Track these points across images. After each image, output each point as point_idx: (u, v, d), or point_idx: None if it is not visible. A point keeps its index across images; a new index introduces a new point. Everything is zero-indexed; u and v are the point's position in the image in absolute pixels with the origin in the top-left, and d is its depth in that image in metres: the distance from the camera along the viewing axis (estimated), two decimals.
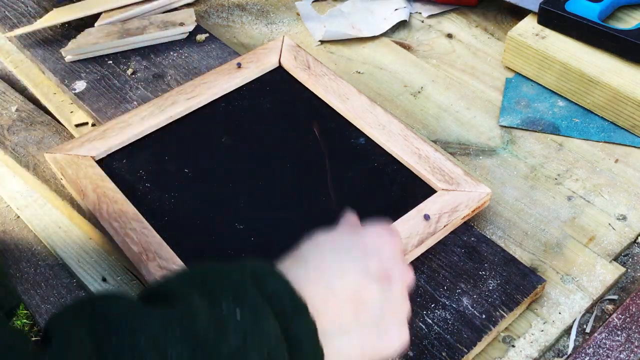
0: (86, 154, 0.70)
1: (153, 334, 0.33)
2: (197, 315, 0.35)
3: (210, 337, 0.34)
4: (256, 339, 0.35)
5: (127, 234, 0.62)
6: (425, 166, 0.68)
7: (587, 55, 0.78)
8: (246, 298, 0.36)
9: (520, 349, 0.58)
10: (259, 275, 0.38)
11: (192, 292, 0.36)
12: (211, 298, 0.36)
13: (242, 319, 0.35)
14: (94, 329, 0.33)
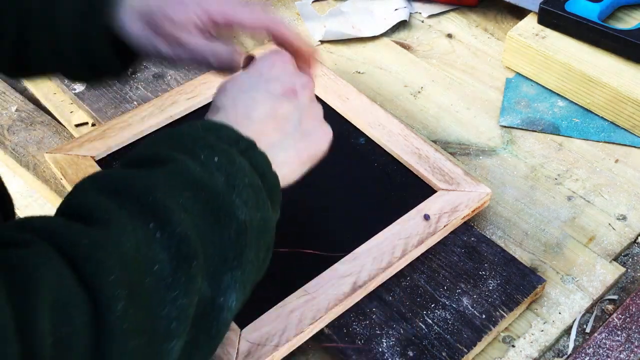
0: (86, 154, 0.70)
1: (164, 188, 0.40)
2: (188, 166, 0.42)
3: (204, 180, 0.42)
4: (236, 173, 0.43)
5: None
6: (425, 166, 0.68)
7: (587, 55, 0.78)
8: (214, 146, 0.44)
9: (520, 349, 0.58)
10: (211, 128, 0.46)
11: (174, 152, 0.43)
12: (190, 153, 0.43)
13: (219, 161, 0.43)
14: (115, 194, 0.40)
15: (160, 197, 0.40)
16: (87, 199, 0.40)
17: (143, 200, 0.40)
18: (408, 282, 0.61)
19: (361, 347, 0.56)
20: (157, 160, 0.43)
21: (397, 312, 0.59)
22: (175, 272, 0.39)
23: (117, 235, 0.37)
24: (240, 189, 0.43)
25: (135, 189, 0.40)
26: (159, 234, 0.39)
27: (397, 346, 0.56)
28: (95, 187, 0.41)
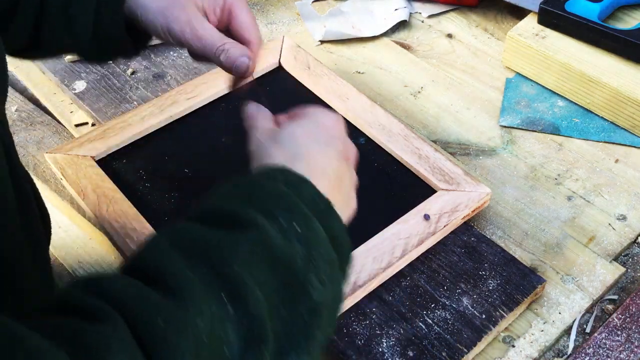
0: (86, 154, 0.70)
1: (242, 259, 0.38)
2: (270, 234, 0.40)
3: (284, 255, 0.39)
4: (315, 244, 0.41)
5: (127, 234, 0.62)
6: (425, 166, 0.68)
7: (587, 55, 0.78)
8: (295, 209, 0.41)
9: (520, 349, 0.58)
10: (292, 183, 0.43)
11: (253, 212, 0.41)
12: (270, 216, 0.41)
13: (300, 229, 0.41)
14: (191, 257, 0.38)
15: (237, 271, 0.38)
16: (163, 260, 0.38)
17: (220, 270, 0.38)
18: (408, 282, 0.61)
19: (361, 346, 0.56)
20: (237, 221, 0.41)
21: (397, 312, 0.59)
22: (243, 356, 0.37)
23: (193, 316, 0.35)
24: (317, 264, 0.41)
25: (213, 256, 0.38)
26: (232, 310, 0.37)
27: (397, 346, 0.56)
28: (173, 245, 0.39)
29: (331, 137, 0.49)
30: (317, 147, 0.48)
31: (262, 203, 0.42)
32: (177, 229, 0.41)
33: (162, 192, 0.68)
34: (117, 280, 0.36)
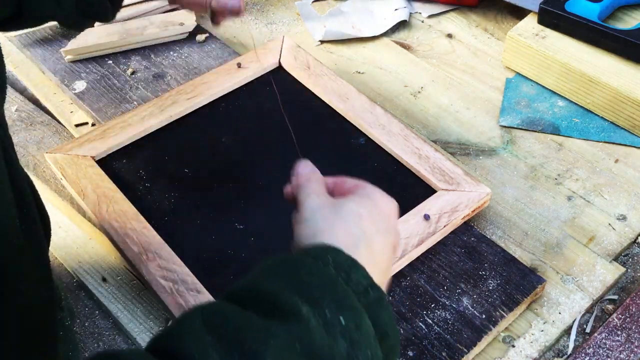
0: (86, 154, 0.70)
1: (279, 352, 0.35)
2: (311, 328, 0.36)
3: (325, 349, 0.36)
4: (360, 341, 0.37)
5: (127, 234, 0.62)
6: (425, 166, 0.68)
7: (587, 55, 0.78)
8: (344, 300, 0.38)
9: (520, 349, 0.58)
10: (344, 269, 0.40)
11: (296, 299, 0.37)
12: (313, 303, 0.37)
13: (346, 323, 0.37)
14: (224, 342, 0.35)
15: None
16: (193, 344, 0.35)
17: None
18: (408, 282, 0.61)
19: None
20: (278, 307, 0.37)
21: (397, 312, 0.59)
22: None
23: None
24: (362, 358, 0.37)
25: (247, 344, 0.35)
26: None
27: None
28: (206, 325, 0.36)
29: (390, 227, 0.46)
30: (378, 236, 0.44)
31: (308, 289, 0.38)
32: (212, 308, 0.38)
33: (162, 192, 0.68)
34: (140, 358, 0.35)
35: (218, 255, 0.62)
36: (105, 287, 0.64)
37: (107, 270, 0.66)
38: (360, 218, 0.44)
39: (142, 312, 0.62)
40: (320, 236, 0.43)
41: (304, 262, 0.40)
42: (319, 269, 0.39)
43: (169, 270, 0.59)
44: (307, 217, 0.45)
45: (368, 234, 0.43)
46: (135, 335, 0.60)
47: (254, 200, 0.67)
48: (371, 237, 0.44)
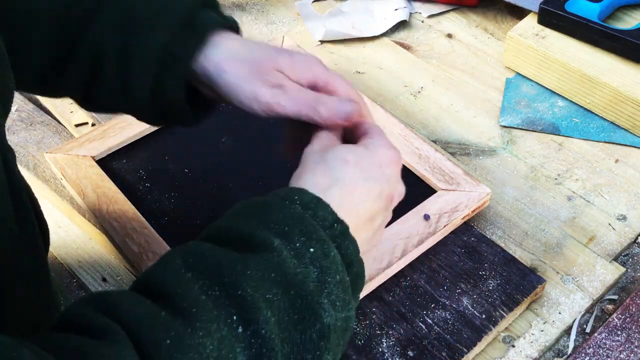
0: (86, 154, 0.70)
1: (254, 282, 0.38)
2: (283, 258, 0.40)
3: (298, 276, 0.40)
4: (329, 268, 0.41)
5: (127, 233, 0.62)
6: (425, 166, 0.68)
7: (587, 55, 0.78)
8: (312, 233, 0.41)
9: (520, 349, 0.58)
10: (310, 207, 0.42)
11: (267, 234, 0.41)
12: (283, 237, 0.41)
13: (315, 252, 0.41)
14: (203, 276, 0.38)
15: (249, 292, 0.38)
16: (174, 279, 0.38)
17: (231, 292, 0.38)
18: (408, 282, 0.61)
19: (361, 346, 0.56)
20: (251, 242, 0.41)
21: (397, 312, 0.59)
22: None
23: (201, 337, 0.36)
24: (330, 289, 0.41)
25: (225, 277, 0.38)
26: (241, 329, 0.37)
27: (397, 346, 0.56)
28: (185, 264, 0.39)
29: (381, 175, 0.47)
30: (361, 181, 0.46)
31: (278, 224, 0.41)
32: (190, 248, 0.40)
33: (162, 192, 0.68)
34: (125, 298, 0.36)
35: None
36: (105, 287, 0.64)
37: (107, 270, 0.66)
38: (345, 163, 0.46)
39: None
40: (302, 176, 0.46)
41: (272, 202, 0.43)
42: (286, 207, 0.42)
43: None
44: (301, 160, 0.48)
45: (348, 178, 0.45)
46: None
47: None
48: (351, 182, 0.45)
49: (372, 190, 0.46)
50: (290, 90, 0.49)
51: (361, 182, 0.46)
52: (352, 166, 0.46)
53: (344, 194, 0.45)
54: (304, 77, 0.50)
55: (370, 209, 0.46)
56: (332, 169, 0.46)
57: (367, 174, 0.46)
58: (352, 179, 0.45)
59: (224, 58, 0.50)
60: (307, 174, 0.46)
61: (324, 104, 0.48)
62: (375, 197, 0.46)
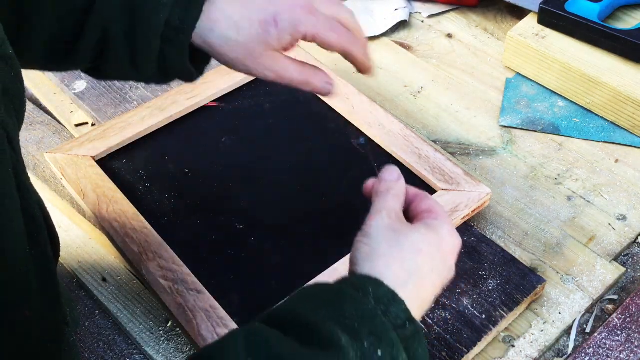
0: (86, 154, 0.70)
1: None
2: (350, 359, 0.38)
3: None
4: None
5: (127, 233, 0.62)
6: (425, 166, 0.68)
7: (587, 55, 0.78)
8: (382, 333, 0.39)
9: (520, 349, 0.58)
10: (383, 301, 0.41)
11: (336, 329, 0.38)
12: (352, 334, 0.39)
13: (383, 355, 0.39)
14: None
15: None
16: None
17: None
18: None
19: None
20: (318, 336, 0.38)
21: None
22: None
23: None
24: None
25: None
26: None
27: None
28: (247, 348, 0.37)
29: (447, 267, 0.47)
30: (432, 275, 0.46)
31: (347, 319, 0.40)
32: (254, 333, 0.39)
33: (162, 192, 0.68)
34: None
35: (218, 255, 0.62)
36: (105, 287, 0.64)
37: (107, 270, 0.66)
38: (419, 253, 0.45)
39: (142, 312, 0.62)
40: (376, 259, 0.44)
41: (344, 292, 0.41)
42: (359, 300, 0.41)
43: (169, 270, 0.59)
44: (370, 233, 0.47)
45: (422, 271, 0.45)
46: (135, 335, 0.60)
47: (254, 200, 0.67)
48: (424, 275, 0.45)
49: (438, 282, 0.46)
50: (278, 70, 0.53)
51: (431, 275, 0.45)
52: (425, 257, 0.45)
53: (416, 288, 0.44)
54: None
55: (432, 299, 0.46)
56: (407, 261, 0.45)
57: (437, 266, 0.46)
58: (424, 272, 0.45)
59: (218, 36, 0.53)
60: (381, 259, 0.45)
61: (309, 84, 0.54)
62: (439, 287, 0.46)
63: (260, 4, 0.53)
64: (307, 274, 0.59)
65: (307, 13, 0.52)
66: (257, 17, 0.52)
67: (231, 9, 0.52)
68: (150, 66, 0.54)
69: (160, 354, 0.59)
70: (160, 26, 0.52)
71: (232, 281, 0.60)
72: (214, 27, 0.52)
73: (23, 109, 0.42)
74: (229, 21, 0.52)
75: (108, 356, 0.60)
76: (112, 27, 0.52)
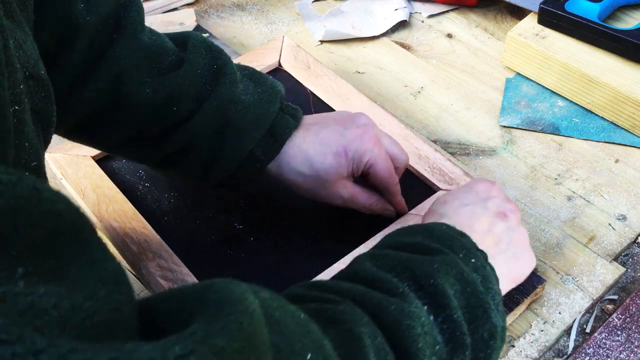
0: (86, 154, 0.70)
1: (441, 275, 0.44)
2: (457, 261, 0.46)
3: (470, 277, 0.45)
4: (488, 277, 0.47)
5: (127, 233, 0.62)
6: (425, 166, 0.68)
7: (587, 55, 0.78)
8: (469, 248, 0.48)
9: (520, 349, 0.58)
10: (458, 233, 0.50)
11: (437, 245, 0.47)
12: (450, 248, 0.47)
13: (475, 263, 0.47)
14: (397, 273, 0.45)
15: (440, 282, 0.43)
16: (373, 272, 0.44)
17: (424, 283, 0.43)
18: None
19: None
20: (427, 249, 0.47)
21: None
22: (451, 357, 0.43)
23: (415, 308, 0.42)
24: (492, 293, 0.46)
25: (416, 272, 0.44)
26: (434, 316, 0.43)
27: None
28: (376, 264, 0.45)
29: (481, 199, 0.55)
30: (462, 208, 0.54)
31: (441, 240, 0.48)
32: (374, 254, 0.47)
33: (162, 192, 0.68)
34: (338, 283, 0.43)
35: (217, 255, 0.62)
36: None
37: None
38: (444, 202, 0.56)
39: None
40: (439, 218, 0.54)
41: (430, 225, 0.50)
42: (443, 229, 0.49)
43: (169, 270, 0.59)
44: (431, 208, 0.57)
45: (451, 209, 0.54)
46: None
47: (254, 200, 0.67)
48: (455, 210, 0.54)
49: (475, 210, 0.53)
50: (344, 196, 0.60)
51: (462, 207, 0.54)
52: (449, 202, 0.55)
53: (453, 222, 0.51)
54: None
55: (485, 224, 0.53)
56: (435, 210, 0.55)
57: (466, 201, 0.55)
58: (452, 209, 0.54)
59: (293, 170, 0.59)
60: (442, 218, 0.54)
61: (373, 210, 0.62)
62: (482, 214, 0.53)
63: (333, 138, 0.58)
64: (307, 273, 0.59)
65: (373, 144, 0.59)
66: (329, 150, 0.58)
67: (306, 146, 0.58)
68: (216, 179, 0.60)
69: None
70: (244, 154, 0.58)
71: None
72: (290, 162, 0.58)
73: (50, 130, 0.43)
74: (304, 156, 0.58)
75: None
76: (197, 145, 0.57)
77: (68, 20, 0.52)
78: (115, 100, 0.55)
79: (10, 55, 0.34)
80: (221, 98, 0.57)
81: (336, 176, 0.59)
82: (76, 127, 0.57)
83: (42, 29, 0.49)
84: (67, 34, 0.52)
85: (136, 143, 0.59)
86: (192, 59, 0.57)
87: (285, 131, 0.58)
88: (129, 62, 0.55)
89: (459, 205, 0.54)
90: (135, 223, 0.63)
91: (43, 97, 0.40)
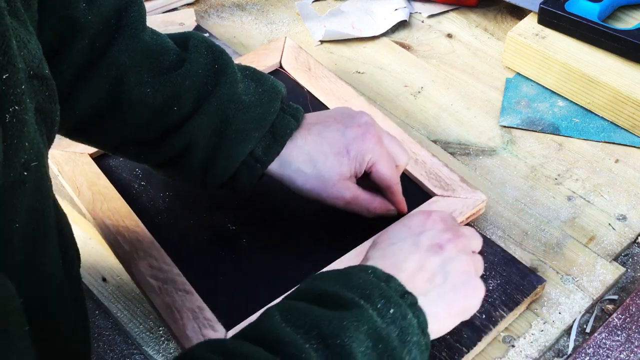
0: (83, 151, 0.70)
1: (350, 334, 0.42)
2: (371, 315, 0.44)
3: (383, 333, 0.44)
4: (408, 328, 0.45)
5: (119, 231, 0.62)
6: (422, 171, 0.68)
7: (587, 55, 0.78)
8: (390, 297, 0.46)
9: (520, 349, 0.58)
10: (381, 277, 0.48)
11: (353, 295, 0.45)
12: (366, 298, 0.45)
13: (394, 313, 0.45)
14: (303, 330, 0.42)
15: (346, 342, 0.42)
16: (277, 332, 0.42)
17: (331, 342, 0.42)
18: None
19: None
20: (340, 302, 0.45)
21: None
22: None
23: None
24: (410, 347, 0.45)
25: (324, 330, 0.42)
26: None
27: None
28: (284, 318, 0.43)
29: (413, 234, 0.53)
30: (390, 247, 0.52)
31: (359, 288, 0.46)
32: (285, 305, 0.45)
33: (157, 191, 0.68)
34: (240, 345, 0.41)
35: (210, 255, 0.62)
36: (105, 287, 0.64)
37: (107, 270, 0.65)
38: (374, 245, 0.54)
39: (142, 312, 0.61)
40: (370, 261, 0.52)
41: (351, 271, 0.48)
42: (364, 275, 0.47)
43: (159, 269, 0.59)
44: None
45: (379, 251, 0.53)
46: (135, 335, 0.60)
47: (247, 201, 0.67)
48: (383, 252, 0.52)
49: (403, 247, 0.52)
50: (347, 198, 0.59)
51: (389, 247, 0.52)
52: (378, 244, 0.53)
53: (378, 264, 0.50)
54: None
55: (414, 262, 0.51)
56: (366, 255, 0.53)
57: (394, 239, 0.53)
58: (380, 250, 0.52)
59: (295, 170, 0.59)
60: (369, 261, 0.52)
61: (374, 211, 0.61)
62: (410, 251, 0.51)
63: (334, 137, 0.58)
64: (298, 277, 0.58)
65: (375, 143, 0.58)
66: (331, 150, 0.58)
67: (308, 146, 0.58)
68: (217, 181, 0.59)
69: (160, 354, 0.58)
70: (244, 154, 0.57)
71: (222, 282, 0.60)
72: (292, 162, 0.58)
73: (54, 128, 0.43)
74: (306, 156, 0.58)
75: (108, 356, 0.59)
76: (197, 145, 0.57)
77: (70, 19, 0.52)
78: (116, 99, 0.55)
79: (11, 56, 0.34)
80: (221, 98, 0.57)
81: (338, 176, 0.58)
82: (77, 126, 0.57)
83: (44, 29, 0.49)
84: (69, 33, 0.52)
85: (136, 142, 0.58)
86: (193, 58, 0.57)
87: (286, 131, 0.58)
88: (129, 61, 0.55)
89: (387, 245, 0.52)
90: (128, 221, 0.63)
91: (47, 96, 0.40)
